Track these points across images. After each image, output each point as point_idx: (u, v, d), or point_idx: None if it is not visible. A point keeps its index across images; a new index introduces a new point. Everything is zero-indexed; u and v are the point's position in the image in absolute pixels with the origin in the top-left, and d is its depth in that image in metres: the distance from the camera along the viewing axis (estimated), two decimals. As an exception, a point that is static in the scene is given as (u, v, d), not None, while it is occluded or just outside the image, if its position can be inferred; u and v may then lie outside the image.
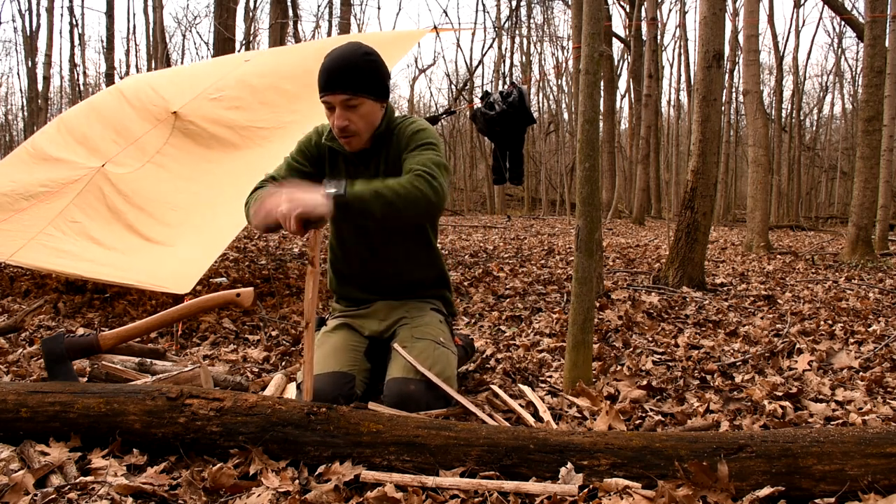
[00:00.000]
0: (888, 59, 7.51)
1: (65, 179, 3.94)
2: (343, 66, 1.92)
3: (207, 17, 25.48)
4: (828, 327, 3.47)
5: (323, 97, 1.96)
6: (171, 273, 3.14)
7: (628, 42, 18.56)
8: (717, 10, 4.69)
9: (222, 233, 3.44)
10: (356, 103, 1.94)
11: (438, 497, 1.39)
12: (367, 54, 1.97)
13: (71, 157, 4.14)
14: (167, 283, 3.06)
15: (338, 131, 1.98)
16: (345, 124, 1.96)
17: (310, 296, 1.71)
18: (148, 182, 3.85)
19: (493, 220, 15.29)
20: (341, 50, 1.97)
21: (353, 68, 1.93)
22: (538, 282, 5.01)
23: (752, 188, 8.48)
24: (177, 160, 4.01)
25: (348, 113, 1.95)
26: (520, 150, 5.83)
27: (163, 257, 3.36)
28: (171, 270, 3.18)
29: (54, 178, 3.98)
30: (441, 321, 2.22)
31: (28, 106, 18.40)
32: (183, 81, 4.69)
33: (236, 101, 4.27)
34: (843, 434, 1.44)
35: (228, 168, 3.90)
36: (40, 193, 3.88)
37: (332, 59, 1.95)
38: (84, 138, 4.29)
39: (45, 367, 1.89)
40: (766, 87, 20.89)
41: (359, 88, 1.94)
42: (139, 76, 5.52)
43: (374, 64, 1.97)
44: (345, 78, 1.92)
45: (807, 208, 25.10)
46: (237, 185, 3.70)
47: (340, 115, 1.95)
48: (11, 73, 40.73)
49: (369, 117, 1.99)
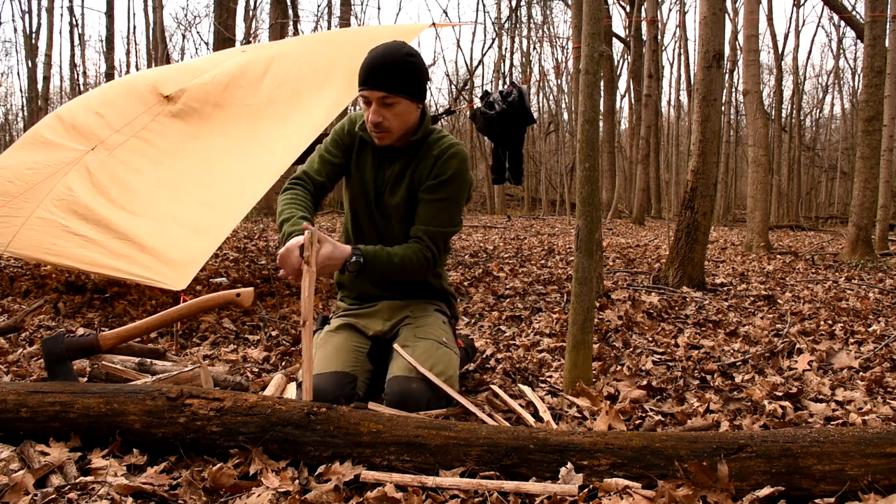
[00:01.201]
0: (888, 59, 7.51)
1: (53, 161, 3.87)
2: (384, 64, 1.96)
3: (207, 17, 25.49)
4: (828, 327, 3.47)
5: (361, 91, 2.00)
6: (169, 266, 3.09)
7: (628, 42, 18.55)
8: (717, 10, 4.70)
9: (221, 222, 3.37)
10: (392, 101, 1.99)
11: (438, 497, 1.39)
12: (410, 55, 2.00)
13: (61, 141, 4.07)
14: (164, 277, 3.03)
15: (371, 126, 2.03)
16: (379, 120, 2.00)
17: (306, 295, 1.71)
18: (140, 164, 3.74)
19: (493, 220, 15.29)
20: (385, 48, 2.00)
21: (393, 67, 1.96)
22: (538, 282, 5.01)
23: (752, 188, 8.48)
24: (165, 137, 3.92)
25: (384, 110, 2.00)
26: (519, 149, 5.82)
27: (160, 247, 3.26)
28: (169, 263, 3.12)
29: (40, 160, 3.91)
30: (444, 322, 2.23)
31: (28, 106, 18.39)
32: (178, 71, 4.70)
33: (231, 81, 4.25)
34: (843, 434, 1.44)
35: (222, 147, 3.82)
36: (27, 176, 3.81)
37: (375, 55, 1.99)
38: (74, 125, 4.18)
39: (45, 367, 1.89)
40: (766, 87, 20.89)
41: (396, 88, 1.97)
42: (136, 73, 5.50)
43: (415, 66, 2.01)
44: (384, 76, 1.96)
45: (807, 208, 25.10)
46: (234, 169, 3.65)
47: (376, 110, 2.00)
48: (11, 73, 40.76)
49: (404, 116, 2.03)
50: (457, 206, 2.13)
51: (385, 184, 2.15)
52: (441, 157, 2.10)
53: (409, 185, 2.12)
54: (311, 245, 1.72)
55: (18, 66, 33.11)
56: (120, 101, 4.30)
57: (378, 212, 2.18)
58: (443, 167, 2.09)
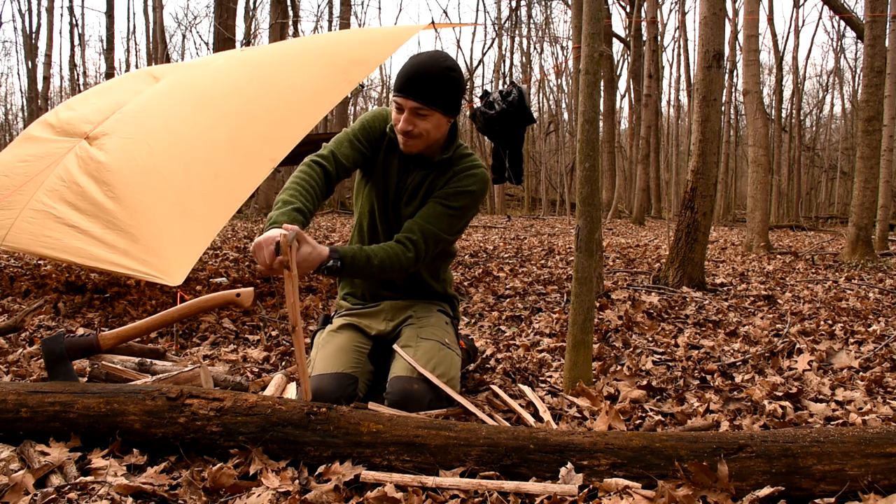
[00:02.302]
0: (888, 59, 7.51)
1: (45, 153, 3.84)
2: (423, 74, 1.93)
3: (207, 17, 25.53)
4: (828, 327, 3.47)
5: (396, 97, 1.97)
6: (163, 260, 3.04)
7: (628, 42, 18.56)
8: (717, 10, 4.69)
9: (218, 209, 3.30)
10: (426, 113, 1.96)
11: (438, 497, 1.39)
12: (450, 69, 1.97)
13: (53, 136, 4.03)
14: (159, 271, 2.97)
15: (400, 133, 2.01)
16: (409, 129, 1.98)
17: (291, 300, 1.68)
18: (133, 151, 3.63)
19: (493, 220, 15.29)
20: (427, 56, 1.97)
21: (431, 79, 1.93)
22: (538, 282, 5.01)
23: (752, 188, 8.48)
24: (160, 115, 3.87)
25: (416, 119, 1.97)
26: (519, 149, 5.82)
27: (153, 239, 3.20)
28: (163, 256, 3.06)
29: (33, 153, 3.88)
30: (447, 323, 2.23)
31: (28, 106, 18.39)
32: (177, 65, 4.70)
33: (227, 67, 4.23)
34: (843, 434, 1.44)
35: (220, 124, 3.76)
36: (20, 169, 3.78)
37: (415, 64, 1.96)
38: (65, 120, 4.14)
39: (45, 367, 1.89)
40: (766, 87, 20.90)
41: (432, 101, 1.95)
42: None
43: (453, 80, 1.98)
44: (422, 86, 1.93)
45: (807, 208, 25.09)
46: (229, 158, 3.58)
47: (408, 118, 1.97)
48: (11, 73, 40.78)
49: (434, 129, 2.01)
50: (460, 220, 2.10)
51: (404, 191, 2.13)
52: (462, 172, 2.09)
53: (426, 195, 2.10)
54: (288, 249, 1.64)
55: (18, 66, 33.15)
56: (115, 93, 4.30)
57: (393, 216, 2.16)
58: (462, 181, 2.07)
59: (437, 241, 2.04)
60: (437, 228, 2.03)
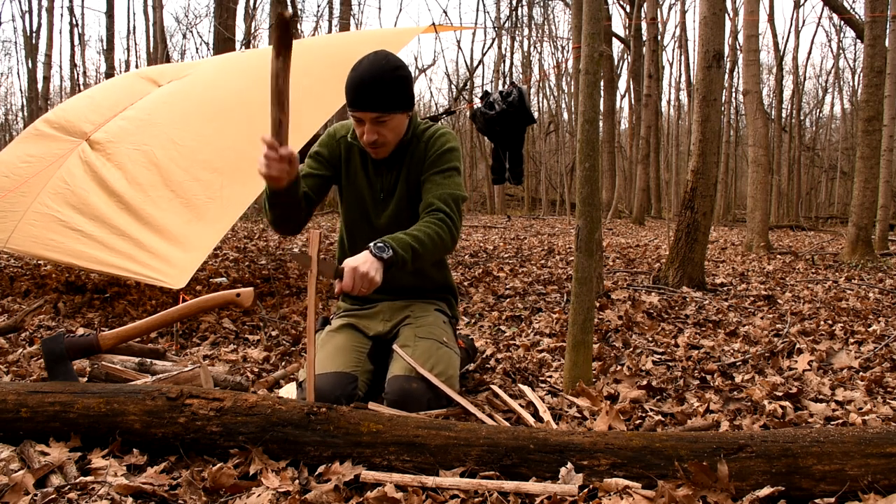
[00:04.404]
0: (888, 59, 7.51)
1: (47, 153, 3.84)
2: (373, 84, 1.91)
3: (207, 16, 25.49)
4: (828, 327, 3.47)
5: (353, 112, 1.97)
6: (167, 264, 3.07)
7: (628, 42, 18.56)
8: (717, 10, 4.70)
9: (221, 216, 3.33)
10: (386, 119, 1.97)
11: (438, 497, 1.39)
12: (396, 69, 1.95)
13: (55, 133, 4.04)
14: (162, 275, 3.00)
15: (367, 144, 2.02)
16: (374, 139, 1.99)
17: (313, 299, 1.70)
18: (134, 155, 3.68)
19: (493, 220, 15.29)
20: (370, 65, 1.94)
21: (383, 87, 1.92)
22: (538, 282, 5.01)
23: (752, 188, 8.48)
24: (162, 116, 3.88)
25: (379, 128, 1.98)
26: (520, 149, 5.83)
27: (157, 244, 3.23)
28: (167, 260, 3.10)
29: (35, 153, 3.88)
30: (445, 322, 2.23)
31: (28, 106, 18.40)
32: (177, 66, 4.70)
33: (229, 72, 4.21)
34: (843, 434, 1.44)
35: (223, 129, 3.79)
36: (22, 169, 3.78)
37: (361, 75, 1.93)
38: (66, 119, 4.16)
39: (45, 367, 1.89)
40: (766, 87, 20.89)
41: (390, 107, 1.95)
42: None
43: (402, 80, 1.97)
44: (375, 97, 1.92)
45: (807, 208, 25.08)
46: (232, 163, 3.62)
47: (371, 129, 1.98)
48: (11, 73, 40.72)
49: (398, 129, 2.03)
50: (458, 175, 2.11)
51: (382, 188, 2.14)
52: (431, 138, 2.11)
53: (407, 178, 2.11)
54: (317, 244, 1.71)
55: (18, 66, 33.14)
56: (117, 95, 4.30)
57: (376, 217, 2.16)
58: (435, 144, 2.10)
59: (457, 200, 2.04)
60: (450, 191, 2.04)
